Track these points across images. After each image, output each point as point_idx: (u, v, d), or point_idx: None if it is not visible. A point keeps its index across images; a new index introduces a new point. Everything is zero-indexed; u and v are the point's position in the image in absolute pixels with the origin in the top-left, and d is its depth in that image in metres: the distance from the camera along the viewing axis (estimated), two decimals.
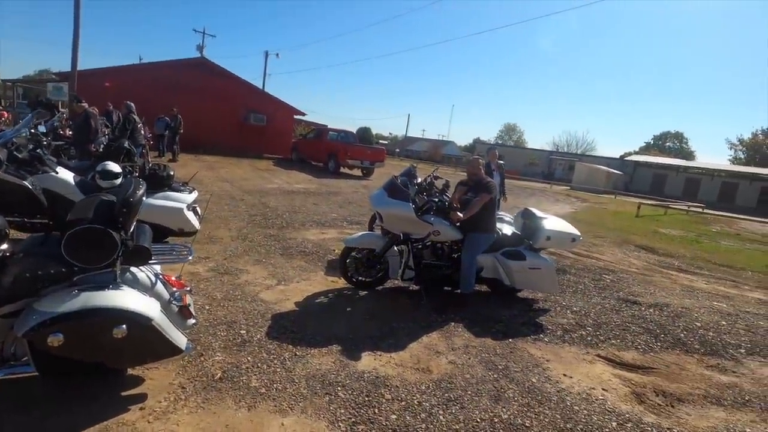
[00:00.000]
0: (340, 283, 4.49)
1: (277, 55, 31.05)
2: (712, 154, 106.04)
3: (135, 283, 2.23)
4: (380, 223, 4.17)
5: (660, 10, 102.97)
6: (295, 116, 23.02)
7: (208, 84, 18.51)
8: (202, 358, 2.73)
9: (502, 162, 7.40)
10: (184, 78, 17.96)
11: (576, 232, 4.37)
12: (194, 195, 5.21)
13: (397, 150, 60.52)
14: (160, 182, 4.88)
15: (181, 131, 14.76)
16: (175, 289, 2.40)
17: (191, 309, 2.49)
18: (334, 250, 5.81)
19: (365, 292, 4.35)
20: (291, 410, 2.36)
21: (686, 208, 20.75)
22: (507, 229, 4.51)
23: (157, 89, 16.98)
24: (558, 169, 45.56)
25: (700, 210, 21.37)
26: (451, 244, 4.36)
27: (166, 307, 2.29)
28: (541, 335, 3.73)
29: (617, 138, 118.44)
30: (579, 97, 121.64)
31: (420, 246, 4.30)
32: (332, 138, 17.58)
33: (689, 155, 61.51)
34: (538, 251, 4.41)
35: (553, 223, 4.35)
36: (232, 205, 8.12)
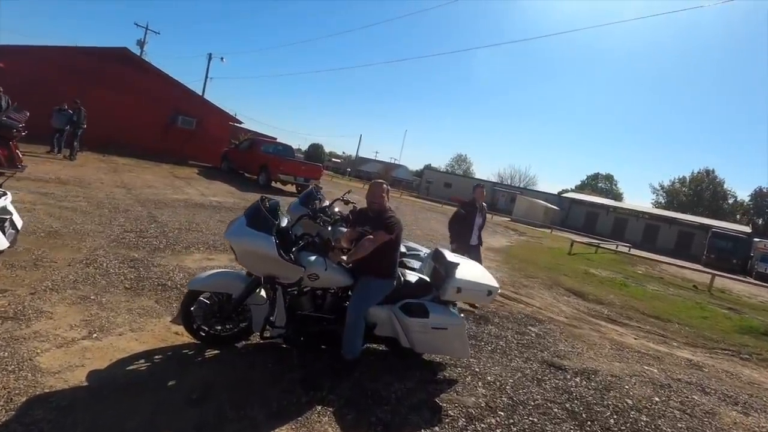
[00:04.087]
0: (187, 336, 3.31)
1: (222, 59, 29.39)
2: (637, 196, 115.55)
3: None
4: (237, 260, 3.07)
5: (604, 60, 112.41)
6: (232, 123, 21.48)
7: (130, 78, 16.67)
8: None
9: (485, 204, 5.94)
10: (102, 68, 16.02)
11: (493, 283, 3.53)
12: (4, 201, 3.85)
13: (348, 170, 59.76)
14: None
15: (84, 126, 12.86)
16: None
17: None
18: None
19: (216, 352, 3.20)
20: None
21: (615, 247, 21.50)
22: (412, 275, 3.58)
23: (66, 77, 14.93)
24: (501, 200, 46.83)
25: (627, 250, 22.22)
26: (337, 291, 3.35)
27: None
28: (436, 428, 2.76)
29: (556, 175, 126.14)
30: (525, 133, 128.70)
31: (295, 291, 3.25)
32: (266, 150, 16.29)
33: (618, 196, 66.18)
34: (447, 304, 3.51)
35: (466, 270, 3.48)
36: (106, 217, 6.63)
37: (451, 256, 3.56)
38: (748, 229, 35.55)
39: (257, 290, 3.16)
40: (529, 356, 4.33)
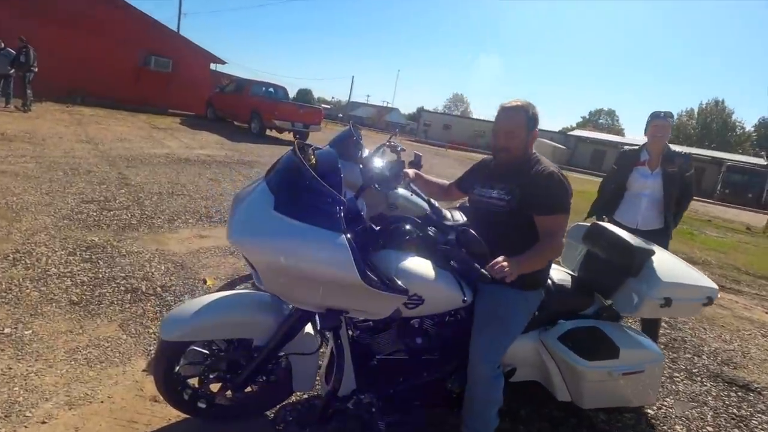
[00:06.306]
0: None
1: None
2: (639, 131, 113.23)
3: None
4: (257, 282, 1.49)
5: None
6: (213, 65, 18.97)
7: (90, 12, 14.05)
8: None
9: (680, 151, 2.91)
10: (52, 1, 13.37)
11: (711, 283, 2.02)
12: None
13: (340, 115, 56.64)
14: None
15: (35, 70, 10.64)
16: None
17: None
18: (206, 282, 3.08)
19: None
20: None
21: None
22: (559, 272, 2.05)
23: (8, 11, 12.38)
24: None
25: None
26: (443, 316, 1.82)
27: None
28: None
29: (556, 112, 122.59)
30: (521, 69, 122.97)
31: (370, 324, 1.73)
32: (256, 93, 14.14)
33: (619, 132, 64.05)
34: (618, 319, 2.03)
35: (669, 265, 1.96)
36: (60, 183, 4.95)
37: (631, 237, 2.00)
38: (763, 162, 34.25)
39: (302, 329, 1.62)
40: (688, 366, 2.95)
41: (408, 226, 1.51)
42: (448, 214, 3.53)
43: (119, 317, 2.47)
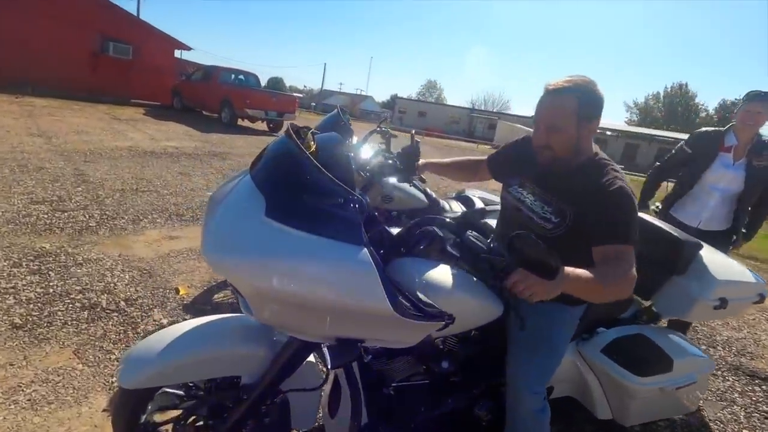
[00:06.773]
0: None
1: None
2: (607, 115, 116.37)
3: None
4: (245, 310, 1.16)
5: None
6: (178, 51, 17.94)
7: None
8: None
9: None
10: None
11: (759, 278, 1.80)
12: None
13: (313, 104, 55.38)
14: None
15: None
16: None
17: None
18: (178, 292, 2.70)
19: None
20: None
21: None
22: None
23: None
24: (479, 127, 44.94)
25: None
26: (468, 331, 1.53)
27: None
28: None
29: (528, 97, 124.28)
30: (493, 55, 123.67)
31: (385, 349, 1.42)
32: (226, 80, 13.41)
33: None
34: (656, 321, 1.80)
35: (722, 261, 1.73)
36: (6, 180, 4.38)
37: (674, 229, 1.76)
38: None
39: (302, 361, 1.30)
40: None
41: (439, 231, 1.19)
42: (446, 206, 3.23)
43: (74, 341, 2.08)
